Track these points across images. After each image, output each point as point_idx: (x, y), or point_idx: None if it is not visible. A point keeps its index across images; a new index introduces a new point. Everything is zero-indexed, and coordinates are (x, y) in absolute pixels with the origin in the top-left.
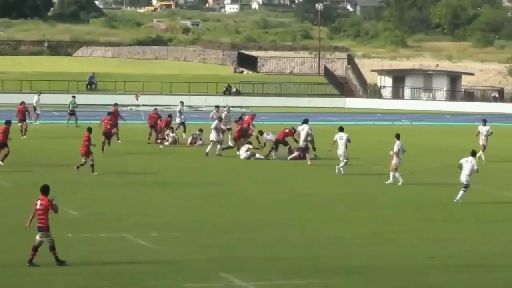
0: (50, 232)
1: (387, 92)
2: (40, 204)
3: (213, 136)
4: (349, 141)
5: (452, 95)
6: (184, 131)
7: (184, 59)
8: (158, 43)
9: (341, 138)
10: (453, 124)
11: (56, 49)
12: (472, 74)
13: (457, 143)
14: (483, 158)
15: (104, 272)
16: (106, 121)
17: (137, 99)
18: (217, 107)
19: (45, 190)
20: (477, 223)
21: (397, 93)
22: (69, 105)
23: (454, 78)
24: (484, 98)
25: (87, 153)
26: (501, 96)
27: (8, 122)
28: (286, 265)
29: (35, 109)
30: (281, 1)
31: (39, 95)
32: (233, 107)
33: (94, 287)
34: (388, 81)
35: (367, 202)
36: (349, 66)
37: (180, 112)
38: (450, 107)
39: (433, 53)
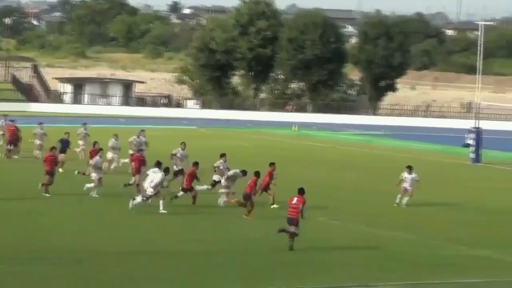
0: (297, 227)
1: (68, 97)
2: (297, 201)
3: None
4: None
5: (126, 101)
6: None
7: None
8: None
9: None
10: (126, 127)
11: None
12: (144, 82)
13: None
14: None
15: None
16: None
17: None
18: None
19: (301, 191)
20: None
21: (77, 99)
22: None
23: (127, 85)
24: (154, 103)
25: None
26: (169, 102)
27: None
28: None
29: None
30: None
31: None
32: None
33: None
34: (69, 88)
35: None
36: (34, 74)
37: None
38: (124, 112)
39: (109, 63)
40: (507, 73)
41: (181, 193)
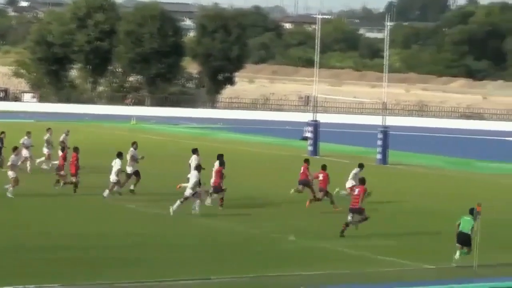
0: (363, 214)
1: None
2: (358, 191)
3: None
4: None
5: None
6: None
7: None
8: None
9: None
10: None
11: None
12: None
13: None
14: None
15: None
16: None
17: None
18: None
19: (362, 181)
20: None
21: None
22: None
23: None
24: None
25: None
26: (6, 95)
27: None
28: None
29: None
30: None
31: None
32: None
33: None
34: None
35: None
36: None
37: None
38: None
39: None
40: (344, 66)
41: (214, 195)
